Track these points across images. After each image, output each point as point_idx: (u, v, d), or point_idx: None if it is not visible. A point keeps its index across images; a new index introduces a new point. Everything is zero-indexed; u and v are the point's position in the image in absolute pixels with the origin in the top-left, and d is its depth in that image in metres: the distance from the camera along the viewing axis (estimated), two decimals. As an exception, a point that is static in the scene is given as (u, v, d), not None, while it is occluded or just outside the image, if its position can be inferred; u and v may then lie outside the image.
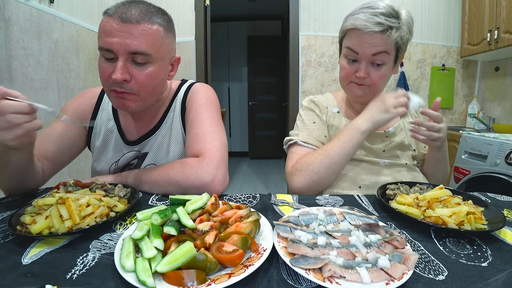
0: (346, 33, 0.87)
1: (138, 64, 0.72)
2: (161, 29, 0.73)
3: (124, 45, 0.68)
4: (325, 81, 2.77)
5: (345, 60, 0.88)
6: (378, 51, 0.81)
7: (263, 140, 5.31)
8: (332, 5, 2.69)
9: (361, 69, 0.84)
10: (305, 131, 0.94)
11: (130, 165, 0.90)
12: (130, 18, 0.68)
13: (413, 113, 1.05)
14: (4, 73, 1.45)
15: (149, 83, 0.74)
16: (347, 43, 0.85)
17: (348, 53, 0.86)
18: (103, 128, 0.90)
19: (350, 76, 0.87)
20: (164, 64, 0.77)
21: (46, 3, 1.73)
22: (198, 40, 2.68)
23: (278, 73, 5.02)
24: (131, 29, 0.68)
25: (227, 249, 0.42)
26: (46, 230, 0.49)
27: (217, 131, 0.81)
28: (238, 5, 4.64)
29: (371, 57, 0.82)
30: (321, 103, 1.00)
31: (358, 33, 0.81)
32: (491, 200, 0.73)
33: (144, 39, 0.70)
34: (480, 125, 2.48)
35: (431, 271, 0.42)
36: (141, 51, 0.69)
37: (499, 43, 2.11)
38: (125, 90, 0.72)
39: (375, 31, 0.78)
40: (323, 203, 0.69)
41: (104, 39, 0.69)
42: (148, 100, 0.79)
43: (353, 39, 0.83)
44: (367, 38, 0.80)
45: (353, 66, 0.86)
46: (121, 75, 0.69)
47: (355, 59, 0.85)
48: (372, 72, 0.84)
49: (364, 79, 0.84)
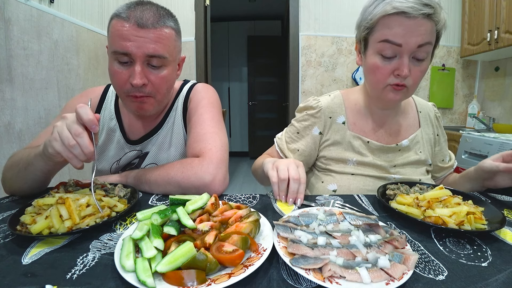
0: (377, 24, 0.71)
1: (154, 68, 0.74)
2: (173, 32, 0.76)
3: (142, 48, 0.70)
4: (325, 81, 2.78)
5: (379, 57, 0.72)
6: (425, 41, 0.67)
7: (263, 140, 5.30)
8: (332, 5, 2.69)
9: (404, 65, 0.69)
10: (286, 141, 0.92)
11: (131, 165, 0.91)
12: (146, 23, 0.69)
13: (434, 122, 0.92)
14: (4, 73, 1.45)
15: (164, 85, 0.77)
16: (383, 34, 0.70)
17: (384, 47, 0.70)
18: (105, 127, 0.90)
19: (387, 77, 0.72)
20: (175, 65, 0.80)
21: (46, 3, 1.73)
22: (198, 40, 2.68)
23: (278, 73, 5.02)
24: (148, 34, 0.70)
25: (227, 249, 0.42)
26: (46, 230, 0.49)
27: (218, 132, 0.82)
28: (238, 5, 4.64)
29: (415, 50, 0.68)
30: (324, 113, 0.86)
31: (400, 19, 0.66)
32: (491, 200, 0.73)
33: (161, 42, 0.72)
34: (480, 125, 2.48)
35: (431, 271, 0.42)
36: (158, 55, 0.72)
37: (499, 43, 2.11)
38: (144, 94, 0.74)
39: (424, 14, 0.65)
40: (323, 203, 0.69)
41: (121, 43, 0.69)
42: (163, 102, 0.82)
43: (394, 28, 0.68)
44: (413, 24, 0.66)
45: (390, 64, 0.71)
46: (141, 79, 0.71)
47: (392, 54, 0.70)
48: (413, 68, 0.70)
49: (406, 78, 0.71)
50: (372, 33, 0.73)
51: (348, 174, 0.84)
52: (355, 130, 0.86)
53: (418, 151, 0.86)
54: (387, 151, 0.84)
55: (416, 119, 0.90)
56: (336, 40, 2.71)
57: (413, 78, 0.71)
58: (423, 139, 0.88)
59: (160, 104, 0.81)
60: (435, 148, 0.92)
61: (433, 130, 0.91)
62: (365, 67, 0.78)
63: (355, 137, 0.85)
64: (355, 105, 0.88)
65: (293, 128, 0.91)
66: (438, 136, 0.92)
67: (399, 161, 0.84)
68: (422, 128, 0.89)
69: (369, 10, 0.72)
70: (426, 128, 0.90)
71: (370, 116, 0.87)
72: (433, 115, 0.93)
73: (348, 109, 0.87)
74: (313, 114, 0.87)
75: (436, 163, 0.93)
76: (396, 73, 0.71)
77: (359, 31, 0.78)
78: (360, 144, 0.84)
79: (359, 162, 0.83)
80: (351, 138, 0.84)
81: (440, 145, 0.93)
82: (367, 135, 0.85)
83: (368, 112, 0.87)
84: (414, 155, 0.85)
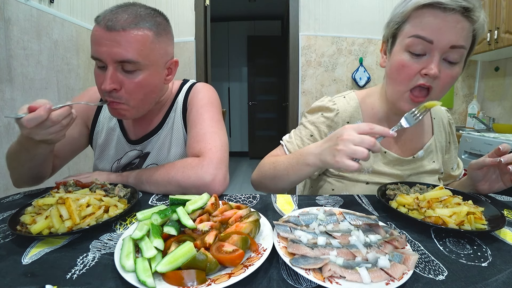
0: (408, 17, 0.65)
1: (128, 72, 0.70)
2: (149, 34, 0.70)
3: (110, 54, 0.67)
4: (325, 81, 2.78)
5: (406, 54, 0.65)
6: (459, 43, 0.61)
7: (263, 140, 5.31)
8: (332, 5, 2.69)
9: (434, 62, 0.62)
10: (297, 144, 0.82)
11: (131, 165, 0.91)
12: (115, 25, 0.66)
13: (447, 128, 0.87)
14: (4, 73, 1.45)
15: (139, 91, 0.73)
16: (414, 28, 0.64)
17: (413, 43, 0.64)
18: (106, 126, 0.91)
19: (413, 77, 0.66)
20: (157, 69, 0.75)
21: (46, 3, 1.73)
22: (198, 40, 2.68)
23: (278, 73, 5.02)
24: (116, 37, 0.66)
25: (227, 249, 0.42)
26: (46, 230, 0.50)
27: (217, 131, 0.81)
28: (238, 5, 4.64)
29: (448, 50, 0.62)
30: (341, 116, 0.80)
31: (435, 12, 0.60)
32: (491, 200, 0.73)
33: (131, 46, 0.67)
34: (480, 125, 2.48)
35: (431, 271, 0.42)
36: (128, 59, 0.68)
37: (499, 43, 2.11)
38: (114, 99, 0.72)
39: (462, 7, 0.58)
40: (323, 203, 0.69)
41: (93, 47, 0.69)
42: (142, 108, 0.77)
43: (426, 22, 0.61)
44: (448, 19, 0.60)
45: (418, 62, 0.64)
46: (109, 85, 0.68)
47: (422, 52, 0.64)
48: (443, 70, 0.63)
49: (434, 80, 0.64)
50: (402, 28, 0.66)
51: (363, 182, 0.80)
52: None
53: (431, 160, 0.84)
54: (403, 163, 0.81)
55: (430, 126, 0.87)
56: (336, 40, 2.71)
57: (441, 82, 0.64)
58: (436, 147, 0.86)
59: (140, 110, 0.77)
60: (446, 156, 0.90)
61: (446, 138, 0.89)
62: (390, 66, 0.71)
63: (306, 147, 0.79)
64: (372, 110, 0.82)
65: (306, 131, 0.83)
66: (449, 144, 0.90)
67: (414, 170, 0.82)
68: (435, 136, 0.86)
69: (402, 4, 0.66)
70: (439, 136, 0.87)
71: (387, 123, 0.81)
72: (447, 121, 0.90)
73: (365, 114, 0.82)
74: (330, 117, 0.80)
75: (447, 171, 0.91)
76: (424, 72, 0.63)
77: (388, 29, 0.71)
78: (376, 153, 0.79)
79: (375, 171, 0.80)
80: None
81: (450, 152, 0.91)
82: (384, 143, 0.81)
83: (385, 119, 0.81)
84: (429, 164, 0.83)
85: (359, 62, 2.74)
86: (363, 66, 2.73)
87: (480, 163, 0.72)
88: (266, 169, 0.79)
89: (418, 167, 0.82)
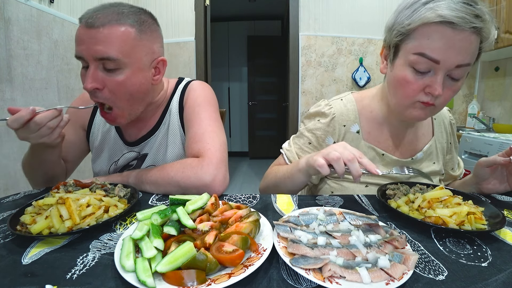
0: (414, 31, 0.61)
1: (109, 71, 0.68)
2: (131, 30, 0.68)
3: (89, 51, 0.65)
4: (325, 81, 2.78)
5: (410, 70, 0.64)
6: (465, 62, 0.59)
7: (263, 140, 5.31)
8: (332, 5, 2.69)
9: (438, 83, 0.61)
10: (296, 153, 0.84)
11: (129, 166, 0.90)
12: (94, 22, 0.65)
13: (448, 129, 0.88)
14: (4, 73, 1.45)
15: (123, 90, 0.71)
16: (420, 46, 0.61)
17: (418, 60, 0.61)
18: (101, 128, 0.90)
19: (417, 94, 0.64)
20: (141, 68, 0.72)
21: (46, 3, 1.73)
22: (198, 40, 2.68)
23: (278, 73, 5.02)
24: (95, 34, 0.65)
25: (227, 249, 0.42)
26: (46, 230, 0.50)
27: (216, 130, 0.81)
28: (238, 5, 4.65)
29: (453, 69, 0.60)
30: (338, 121, 0.80)
31: (444, 30, 0.57)
32: (491, 200, 0.73)
33: (110, 43, 0.66)
34: (480, 125, 2.48)
35: (431, 271, 0.42)
36: (107, 57, 0.66)
37: (499, 43, 2.11)
38: (98, 99, 0.71)
39: (474, 28, 0.56)
40: (323, 203, 0.69)
41: (75, 47, 0.68)
42: (132, 109, 0.76)
43: (434, 40, 0.59)
44: (457, 39, 0.57)
45: (422, 79, 0.63)
46: (90, 83, 0.67)
47: (426, 70, 0.62)
48: (445, 87, 0.63)
49: (437, 98, 0.63)
50: (406, 41, 0.63)
51: (362, 184, 0.80)
52: (369, 140, 0.81)
53: (431, 162, 0.83)
54: (402, 165, 0.80)
55: (430, 127, 0.87)
56: (336, 40, 2.71)
57: (443, 98, 0.64)
58: (437, 148, 0.85)
59: (132, 112, 0.76)
60: (446, 157, 0.90)
61: (446, 138, 0.88)
62: (392, 78, 0.69)
63: (370, 147, 0.80)
64: (371, 113, 0.81)
65: (304, 139, 0.84)
66: (450, 144, 0.89)
67: None
68: (435, 137, 0.85)
69: (406, 13, 0.62)
70: (439, 137, 0.86)
71: (386, 126, 0.81)
72: (448, 122, 0.89)
73: (363, 117, 0.81)
74: (326, 123, 0.80)
75: (448, 172, 0.91)
76: (428, 90, 0.63)
77: (390, 35, 0.68)
78: (374, 155, 0.80)
79: None
80: (365, 149, 0.80)
81: (451, 153, 0.90)
82: (382, 146, 0.81)
83: (385, 121, 0.81)
84: (429, 166, 0.83)
85: (359, 62, 2.74)
86: (363, 66, 2.73)
87: (490, 161, 0.71)
88: (270, 178, 0.84)
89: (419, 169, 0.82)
